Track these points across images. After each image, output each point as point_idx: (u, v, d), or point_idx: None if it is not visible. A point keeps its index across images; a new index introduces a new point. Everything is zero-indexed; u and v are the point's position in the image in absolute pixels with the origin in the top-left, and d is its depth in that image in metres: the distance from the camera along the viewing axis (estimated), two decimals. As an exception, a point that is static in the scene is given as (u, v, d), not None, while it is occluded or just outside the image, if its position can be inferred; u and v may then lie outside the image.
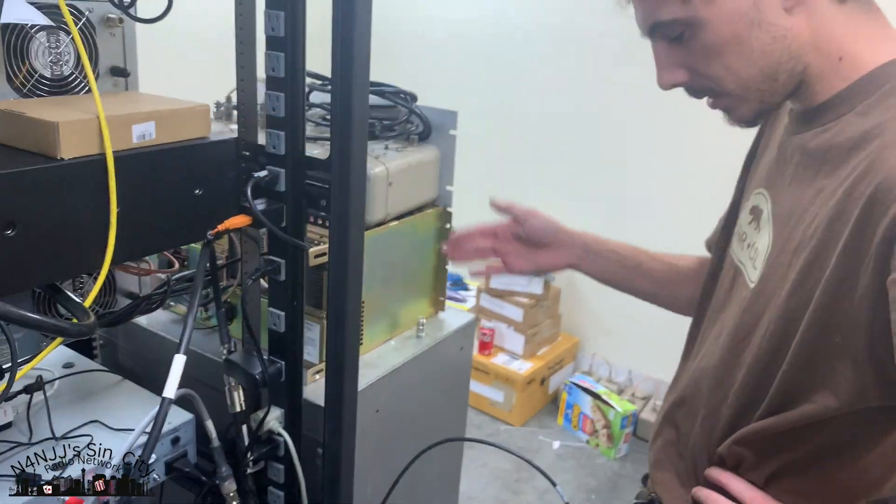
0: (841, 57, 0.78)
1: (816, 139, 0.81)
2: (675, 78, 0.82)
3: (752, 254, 0.90)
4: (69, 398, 1.21)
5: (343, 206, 0.93)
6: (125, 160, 0.85)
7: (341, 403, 1.04)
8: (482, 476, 2.76)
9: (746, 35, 0.76)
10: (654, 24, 0.80)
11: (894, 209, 0.66)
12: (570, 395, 3.06)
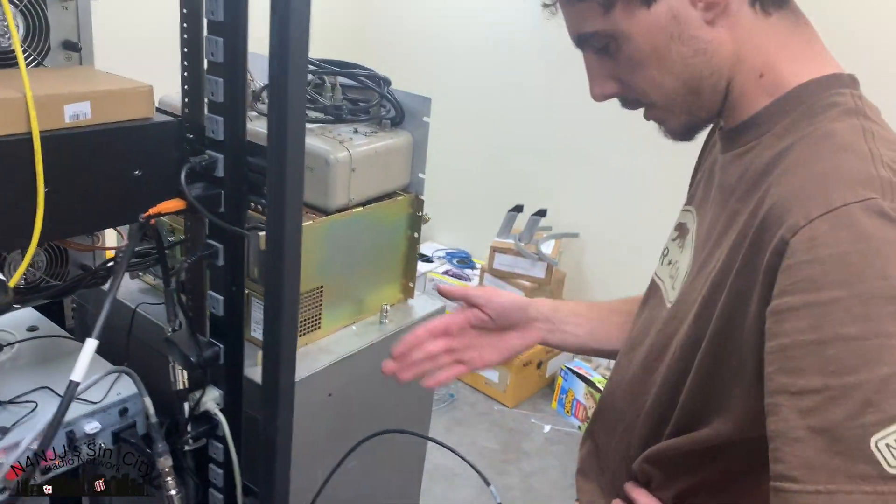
0: (762, 74, 0.74)
1: (735, 160, 0.78)
2: (605, 90, 0.80)
3: (672, 272, 0.88)
4: (27, 361, 1.24)
5: (278, 194, 0.92)
6: (55, 140, 0.85)
7: (277, 389, 1.04)
8: (469, 454, 2.78)
9: (666, 48, 0.73)
10: (578, 35, 0.77)
11: (778, 236, 0.64)
12: (566, 381, 3.04)
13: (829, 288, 0.60)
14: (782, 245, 0.63)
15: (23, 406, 1.11)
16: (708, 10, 0.72)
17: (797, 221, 0.63)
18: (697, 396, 0.78)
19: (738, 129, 0.78)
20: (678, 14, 0.72)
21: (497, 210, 3.20)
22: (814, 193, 0.63)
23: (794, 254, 0.62)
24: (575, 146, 3.16)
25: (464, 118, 3.51)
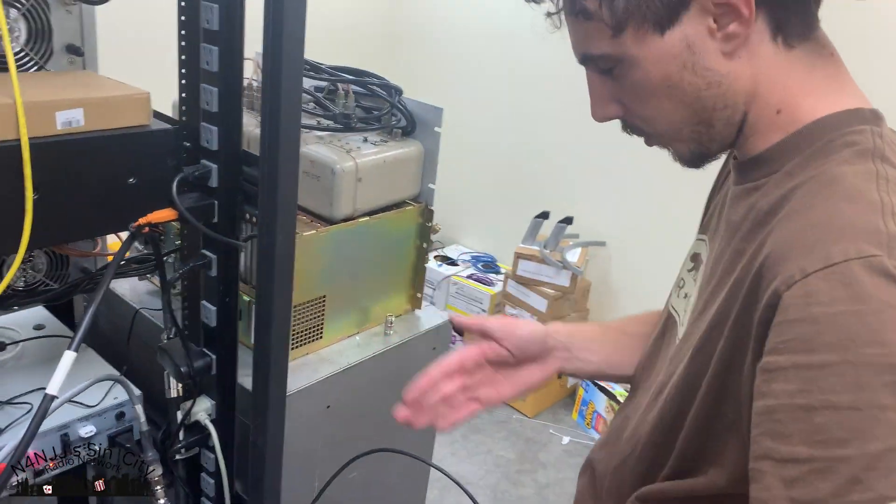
0: (779, 110, 0.69)
1: (744, 195, 0.73)
2: (607, 112, 0.75)
3: (685, 305, 0.83)
4: (30, 361, 1.25)
5: (270, 204, 0.91)
6: (45, 147, 0.85)
7: (266, 400, 1.03)
8: (484, 463, 2.75)
9: (678, 78, 0.68)
10: (584, 55, 0.73)
11: (771, 289, 0.59)
12: (587, 392, 2.99)
13: (821, 351, 0.55)
14: (775, 298, 0.59)
15: (19, 407, 1.11)
16: (727, 41, 0.67)
17: (792, 274, 0.58)
18: (694, 443, 0.74)
19: (749, 163, 0.73)
20: (693, 44, 0.67)
21: (523, 215, 3.16)
22: (812, 245, 0.59)
23: (787, 310, 0.58)
24: (604, 153, 3.10)
25: (493, 122, 3.47)
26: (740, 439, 0.67)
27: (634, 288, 3.17)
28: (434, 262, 3.48)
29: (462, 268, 3.49)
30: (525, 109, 3.35)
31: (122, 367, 1.22)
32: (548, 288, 3.04)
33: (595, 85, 0.75)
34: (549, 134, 3.28)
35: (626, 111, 0.75)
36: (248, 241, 1.11)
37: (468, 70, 3.51)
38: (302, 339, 1.26)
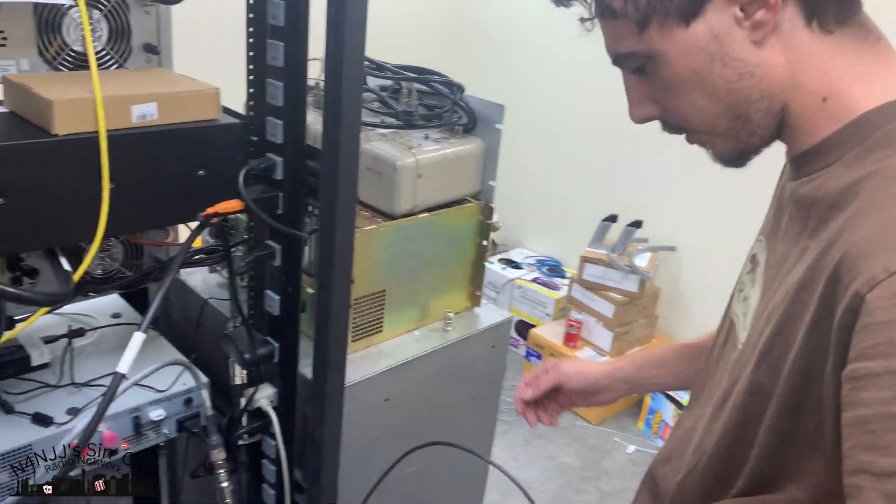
0: (825, 97, 0.66)
1: (803, 189, 0.70)
2: (645, 112, 0.74)
3: (745, 309, 0.80)
4: (107, 347, 1.31)
5: (330, 198, 0.93)
6: (122, 139, 0.89)
7: (324, 391, 1.05)
8: (546, 468, 2.72)
9: (707, 71, 0.67)
10: (616, 55, 0.72)
11: (852, 291, 0.56)
12: (654, 401, 2.92)
13: None
14: (857, 301, 0.55)
15: (96, 388, 1.17)
16: (755, 29, 0.65)
17: (875, 275, 0.55)
18: (769, 458, 0.70)
19: (803, 157, 0.70)
20: (720, 34, 0.65)
21: (590, 218, 3.12)
22: (893, 242, 0.56)
23: (872, 312, 0.54)
24: (675, 154, 3.01)
25: (559, 123, 3.44)
26: (823, 454, 0.63)
27: (706, 295, 3.08)
28: (498, 265, 3.48)
29: (526, 271, 3.48)
30: (593, 109, 3.30)
31: (191, 355, 1.27)
32: (615, 293, 2.99)
33: (630, 85, 0.75)
34: (619, 134, 3.23)
35: (663, 110, 0.74)
36: (311, 235, 1.14)
37: (535, 69, 3.49)
38: (362, 333, 1.28)
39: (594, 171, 3.37)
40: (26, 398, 1.13)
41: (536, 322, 3.31)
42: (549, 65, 3.44)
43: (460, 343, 1.39)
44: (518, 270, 3.47)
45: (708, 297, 3.07)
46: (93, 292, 1.15)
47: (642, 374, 1.10)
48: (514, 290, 3.39)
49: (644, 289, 2.98)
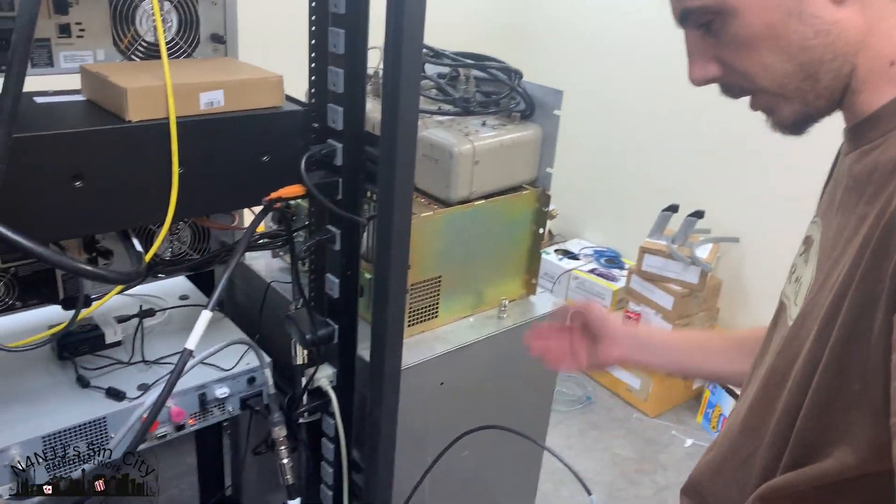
0: (894, 61, 0.64)
1: (863, 159, 0.68)
2: (706, 72, 0.72)
3: (797, 288, 0.78)
4: (175, 327, 1.37)
5: (388, 183, 0.94)
6: (190, 125, 0.93)
7: (382, 373, 1.07)
8: (601, 459, 2.70)
9: (783, 27, 0.65)
10: (683, 10, 0.70)
11: None
12: (714, 395, 2.86)
13: None
14: None
15: (165, 366, 1.23)
16: None
17: None
18: (814, 422, 0.69)
19: (864, 123, 0.68)
20: None
21: (650, 209, 3.06)
22: None
23: None
24: (738, 143, 2.94)
25: (620, 111, 3.39)
26: (870, 410, 0.61)
27: (769, 289, 2.97)
28: (554, 256, 3.46)
29: (583, 262, 3.44)
30: (654, 96, 3.24)
31: (254, 336, 1.31)
32: (675, 285, 2.93)
33: (693, 44, 0.72)
34: (680, 122, 3.16)
35: (726, 70, 0.72)
36: (370, 221, 1.16)
37: (595, 54, 3.44)
38: (418, 318, 1.30)
39: (654, 159, 3.30)
40: (101, 374, 1.19)
41: (593, 313, 3.28)
42: (609, 50, 3.39)
43: (515, 330, 1.39)
44: (575, 261, 3.44)
45: (770, 290, 2.96)
46: (162, 274, 1.20)
47: (654, 338, 1.08)
48: (570, 282, 3.36)
49: (705, 281, 2.91)
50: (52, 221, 0.86)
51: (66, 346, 1.19)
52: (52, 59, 0.99)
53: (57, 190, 0.85)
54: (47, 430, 1.03)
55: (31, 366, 1.19)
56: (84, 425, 1.07)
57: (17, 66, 0.65)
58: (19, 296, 1.12)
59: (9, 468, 1.00)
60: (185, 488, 2.25)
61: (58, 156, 0.84)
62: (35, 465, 1.02)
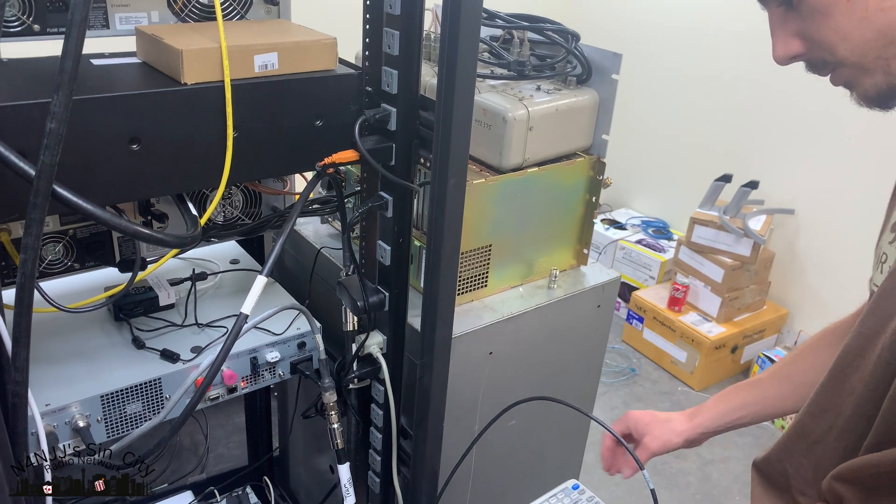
0: None
1: None
2: (789, 49, 0.71)
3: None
4: (227, 290, 1.38)
5: (443, 149, 0.92)
6: (245, 88, 0.92)
7: (433, 340, 1.06)
8: (645, 432, 2.67)
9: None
10: None
11: None
12: (762, 369, 2.80)
13: None
14: None
15: (217, 329, 1.24)
16: None
17: None
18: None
19: None
20: None
21: (702, 179, 2.98)
22: None
23: None
24: (795, 111, 2.83)
25: (671, 78, 3.29)
26: None
27: (824, 262, 2.90)
28: (601, 226, 3.40)
29: (631, 232, 3.38)
30: (709, 61, 3.13)
31: (304, 301, 1.32)
32: (725, 257, 2.87)
33: (776, 22, 0.72)
34: (734, 89, 3.05)
35: (808, 45, 0.70)
36: (421, 188, 1.14)
37: (649, 17, 3.33)
38: (468, 286, 1.29)
39: (708, 127, 3.20)
40: (155, 335, 1.21)
41: (640, 285, 3.23)
42: (664, 12, 3.28)
43: (565, 301, 1.37)
44: (622, 231, 3.38)
45: (825, 264, 2.89)
46: (215, 237, 1.21)
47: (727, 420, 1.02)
48: (617, 252, 3.31)
49: (757, 253, 2.84)
50: (110, 184, 0.86)
51: (122, 308, 1.21)
52: (108, 21, 0.99)
53: (114, 153, 0.85)
54: (106, 390, 1.06)
55: (89, 326, 1.21)
56: (140, 385, 1.09)
57: (78, 28, 0.65)
58: (77, 258, 1.14)
59: (70, 425, 1.03)
60: (234, 447, 2.30)
61: (115, 118, 0.84)
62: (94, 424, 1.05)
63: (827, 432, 0.78)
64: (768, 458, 0.91)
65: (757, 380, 1.03)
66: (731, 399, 1.01)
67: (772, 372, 1.03)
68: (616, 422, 1.06)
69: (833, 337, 1.01)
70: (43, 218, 0.70)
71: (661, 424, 1.00)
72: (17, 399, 0.74)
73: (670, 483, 2.45)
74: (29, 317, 0.72)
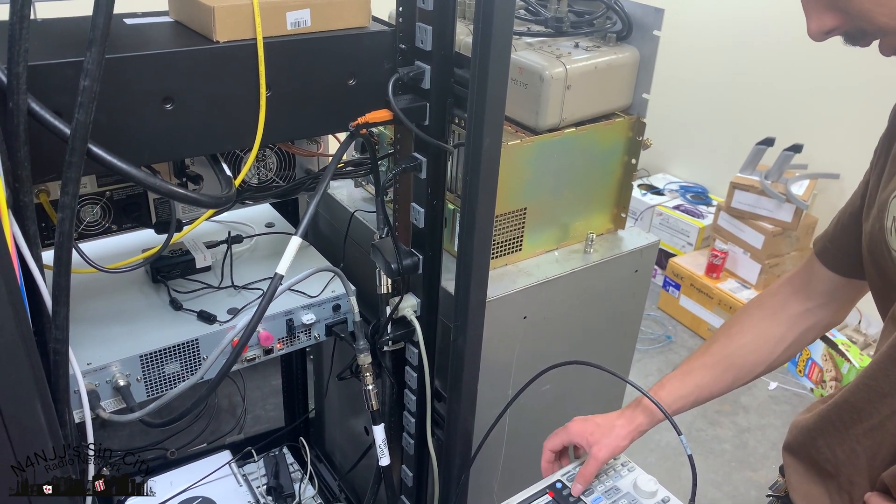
0: None
1: None
2: (823, 23, 0.68)
3: None
4: (262, 254, 1.39)
5: (478, 108, 0.90)
6: (277, 46, 0.90)
7: (467, 304, 1.05)
8: (680, 400, 2.65)
9: None
10: None
11: None
12: (802, 338, 2.74)
13: None
14: None
15: (253, 291, 1.25)
16: None
17: None
18: None
19: None
20: None
21: (743, 142, 2.90)
22: None
23: None
24: (841, 73, 2.71)
25: (713, 37, 3.18)
26: None
27: (870, 228, 2.80)
28: (638, 191, 3.34)
29: (668, 198, 3.32)
30: (753, 21, 3.01)
31: (338, 265, 1.32)
32: (766, 223, 2.80)
33: None
34: (778, 50, 2.94)
35: (843, 17, 0.67)
36: (456, 149, 1.12)
37: None
38: (502, 250, 1.27)
39: (750, 90, 3.09)
40: (192, 297, 1.22)
41: (677, 251, 3.18)
42: None
43: (602, 265, 1.35)
44: (659, 197, 3.32)
45: (873, 230, 2.80)
46: (250, 200, 1.21)
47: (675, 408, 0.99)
48: (654, 218, 3.25)
49: (799, 219, 2.76)
50: (145, 144, 0.86)
51: (160, 270, 1.22)
52: (140, -21, 0.98)
53: (148, 112, 0.84)
54: (145, 350, 1.07)
55: (127, 287, 1.23)
56: (178, 346, 1.10)
57: (108, -18, 0.64)
58: (114, 219, 1.15)
59: (111, 384, 1.05)
60: (270, 409, 2.35)
61: (148, 77, 0.83)
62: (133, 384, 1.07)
63: (889, 417, 0.75)
64: (808, 443, 0.89)
65: (689, 369, 1.00)
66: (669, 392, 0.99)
67: (704, 357, 1.00)
68: (554, 435, 1.03)
69: (769, 309, 0.99)
70: (79, 177, 0.71)
71: (606, 432, 0.99)
72: (58, 356, 0.75)
73: (705, 450, 2.43)
74: (68, 275, 0.73)
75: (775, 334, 0.97)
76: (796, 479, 0.90)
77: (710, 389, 0.99)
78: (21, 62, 0.66)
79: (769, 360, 0.98)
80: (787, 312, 0.97)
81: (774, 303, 0.99)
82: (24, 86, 0.67)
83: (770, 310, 0.99)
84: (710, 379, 0.99)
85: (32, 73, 0.69)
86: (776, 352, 0.97)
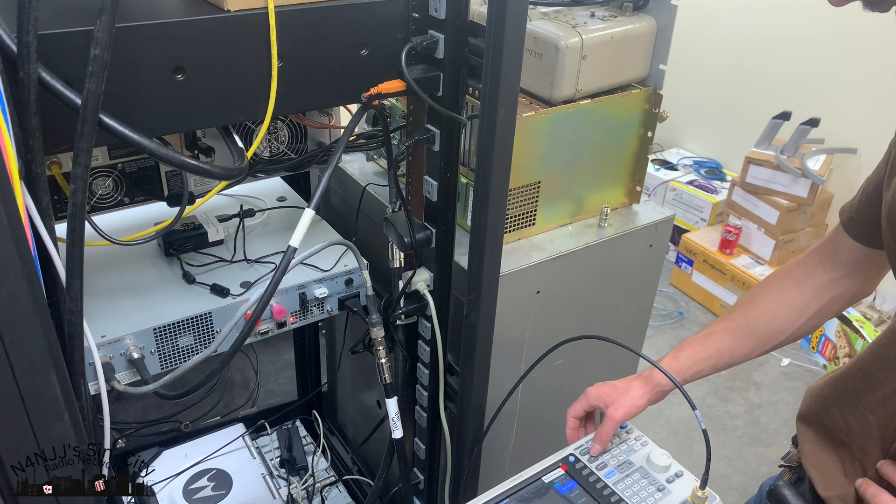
0: None
1: None
2: None
3: None
4: (275, 227, 1.38)
5: (493, 77, 0.88)
6: (289, 15, 0.89)
7: (480, 278, 1.04)
8: (692, 376, 2.65)
9: None
10: None
11: None
12: (816, 315, 2.72)
13: None
14: None
15: (266, 265, 1.25)
16: None
17: None
18: None
19: None
20: None
21: (758, 117, 2.86)
22: None
23: None
24: (859, 44, 2.66)
25: (729, 8, 3.12)
26: None
27: (887, 204, 2.77)
28: (651, 166, 3.31)
29: (682, 173, 3.28)
30: (771, -4, 2.96)
31: (350, 239, 1.31)
32: (781, 198, 2.77)
33: None
34: (796, 22, 2.88)
35: None
36: (469, 121, 1.11)
37: None
38: (515, 224, 1.26)
39: (765, 62, 3.04)
40: (205, 270, 1.22)
41: (690, 227, 3.15)
42: None
43: (616, 240, 1.33)
44: (673, 172, 3.28)
45: (890, 206, 2.76)
46: (262, 173, 1.20)
47: (684, 377, 0.99)
48: (667, 193, 3.22)
49: (815, 194, 2.73)
50: (156, 115, 0.85)
51: (172, 243, 1.22)
52: (150, -52, 0.96)
53: (159, 83, 0.83)
54: (158, 322, 1.07)
55: (140, 260, 1.23)
56: (192, 319, 1.10)
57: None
58: (127, 192, 1.15)
59: (126, 357, 1.05)
60: (283, 382, 2.36)
61: (159, 47, 0.82)
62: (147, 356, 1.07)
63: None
64: (821, 411, 0.88)
65: (709, 332, 1.00)
66: (688, 355, 0.99)
67: (725, 322, 1.00)
68: (577, 402, 1.04)
69: (794, 278, 0.98)
70: (90, 147, 0.70)
71: (622, 393, 0.99)
72: (72, 328, 0.75)
73: (717, 426, 2.43)
74: (81, 247, 0.72)
75: (799, 303, 0.96)
76: (809, 448, 0.90)
77: (729, 355, 0.98)
78: (31, 31, 0.65)
79: (791, 329, 0.96)
80: (813, 282, 0.96)
81: (800, 272, 0.98)
82: (34, 55, 0.66)
83: (795, 278, 0.98)
84: (730, 344, 0.98)
85: (43, 41, 0.68)
86: (799, 321, 0.96)
